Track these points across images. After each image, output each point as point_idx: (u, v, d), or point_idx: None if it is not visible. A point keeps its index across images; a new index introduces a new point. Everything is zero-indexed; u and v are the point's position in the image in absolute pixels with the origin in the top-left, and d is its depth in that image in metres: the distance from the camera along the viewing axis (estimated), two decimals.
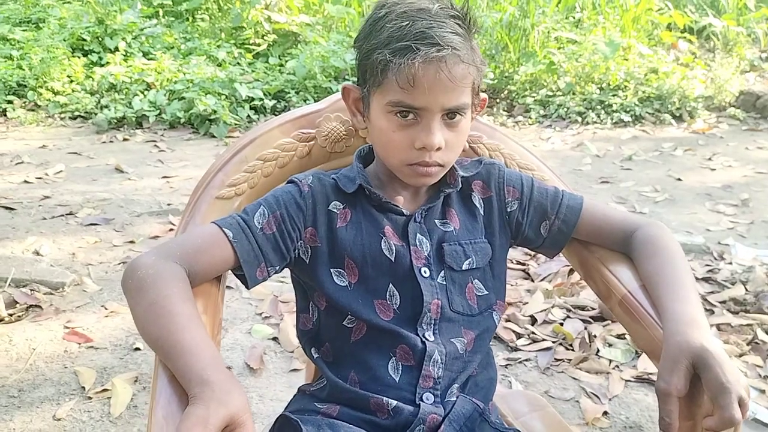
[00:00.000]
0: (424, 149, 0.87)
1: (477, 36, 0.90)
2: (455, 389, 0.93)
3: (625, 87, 5.39)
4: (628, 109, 5.17)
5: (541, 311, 2.28)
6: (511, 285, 2.47)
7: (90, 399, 1.85)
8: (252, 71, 5.74)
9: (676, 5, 6.75)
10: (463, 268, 0.97)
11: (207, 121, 4.92)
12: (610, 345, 2.10)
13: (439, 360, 0.92)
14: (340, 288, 0.93)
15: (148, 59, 5.86)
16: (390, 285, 0.94)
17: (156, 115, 5.05)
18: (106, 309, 2.33)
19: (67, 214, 3.26)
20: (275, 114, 4.89)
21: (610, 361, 2.03)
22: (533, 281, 2.54)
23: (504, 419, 1.08)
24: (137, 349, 2.09)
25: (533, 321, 2.24)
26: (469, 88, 0.88)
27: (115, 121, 5.05)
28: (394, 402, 0.89)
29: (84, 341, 2.13)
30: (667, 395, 0.79)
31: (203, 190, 1.02)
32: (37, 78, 5.45)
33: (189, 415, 0.69)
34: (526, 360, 2.06)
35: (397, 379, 0.91)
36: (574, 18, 6.48)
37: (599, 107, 5.25)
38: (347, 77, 5.39)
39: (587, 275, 1.06)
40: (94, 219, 3.19)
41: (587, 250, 1.05)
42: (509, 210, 1.01)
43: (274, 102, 5.25)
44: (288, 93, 5.35)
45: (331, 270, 0.94)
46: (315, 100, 4.97)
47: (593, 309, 2.28)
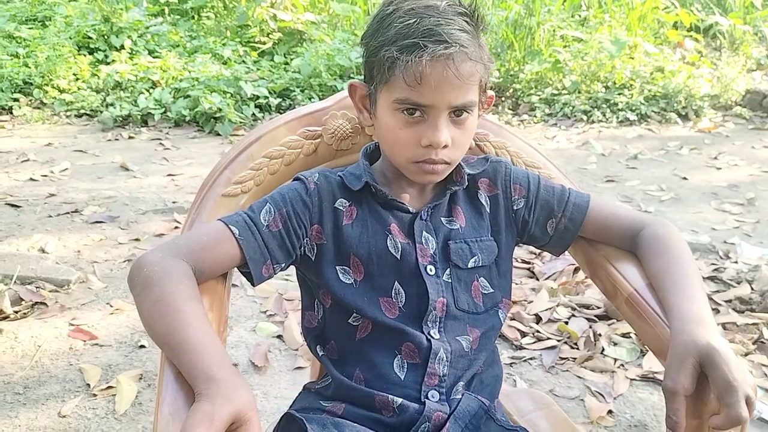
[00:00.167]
0: (430, 147, 0.87)
1: (484, 33, 0.90)
2: (460, 387, 0.93)
3: (631, 86, 5.37)
4: (633, 108, 5.16)
5: (546, 310, 2.28)
6: (516, 283, 2.46)
7: (95, 396, 1.86)
8: (257, 69, 5.75)
9: (682, 4, 6.73)
10: (469, 266, 0.97)
11: (212, 119, 4.93)
12: (615, 344, 2.09)
13: (445, 358, 0.91)
14: (345, 286, 0.93)
15: (153, 57, 5.88)
16: (395, 283, 0.93)
17: (161, 113, 5.07)
18: (111, 306, 2.34)
19: (73, 211, 3.27)
20: (280, 112, 4.89)
21: (615, 360, 2.02)
22: (538, 280, 2.54)
23: (509, 417, 1.08)
24: (142, 347, 2.09)
25: (538, 319, 2.24)
26: (476, 85, 0.88)
27: (121, 119, 5.06)
28: (399, 400, 0.89)
29: (89, 338, 2.13)
30: (674, 393, 0.79)
31: (209, 187, 1.02)
32: (43, 76, 5.47)
33: (195, 412, 0.69)
34: (530, 358, 2.06)
35: (403, 377, 0.91)
36: (579, 16, 6.46)
37: (605, 106, 5.24)
38: (352, 75, 5.38)
39: (593, 273, 1.05)
40: (99, 217, 3.20)
41: (593, 248, 1.04)
42: (515, 208, 1.01)
43: (279, 100, 5.26)
44: (293, 91, 5.35)
45: (337, 267, 0.94)
46: (320, 98, 4.96)
47: (598, 308, 2.28)
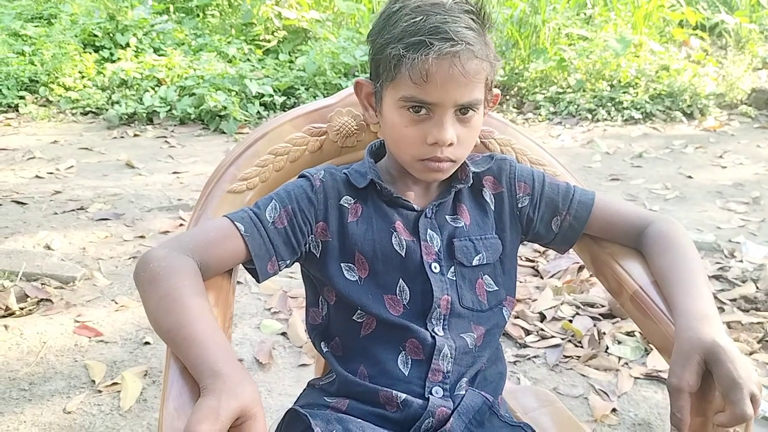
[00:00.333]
0: (436, 144, 0.87)
1: (490, 31, 0.89)
2: (464, 383, 0.93)
3: (636, 84, 5.36)
4: (638, 107, 5.15)
5: (550, 308, 2.28)
6: (521, 282, 2.46)
7: (100, 392, 1.86)
8: (262, 67, 5.75)
9: (688, 2, 6.71)
10: (474, 263, 0.97)
11: (217, 117, 4.94)
12: (619, 342, 2.09)
13: (449, 354, 0.92)
14: (350, 283, 0.93)
15: (158, 55, 5.89)
16: (400, 280, 0.94)
17: (166, 111, 5.08)
18: (116, 303, 2.35)
19: (78, 209, 3.28)
20: (285, 110, 4.88)
21: (619, 359, 2.02)
22: (542, 278, 2.54)
23: (513, 414, 1.08)
24: (147, 343, 2.10)
25: (542, 318, 2.24)
26: (482, 83, 0.88)
27: (126, 117, 5.07)
28: (403, 395, 0.89)
29: (94, 335, 2.14)
30: (679, 391, 0.79)
31: (215, 183, 1.02)
32: (49, 74, 5.49)
33: (200, 407, 0.69)
34: (534, 357, 2.06)
35: (407, 373, 0.91)
36: (585, 14, 6.45)
37: (610, 104, 5.23)
38: (357, 74, 5.39)
39: (598, 271, 1.05)
40: (104, 214, 3.21)
41: (598, 245, 1.04)
42: (520, 205, 1.01)
43: (283, 98, 5.27)
44: (298, 89, 5.36)
45: (342, 265, 0.94)
46: (324, 96, 4.95)
47: (602, 306, 2.28)
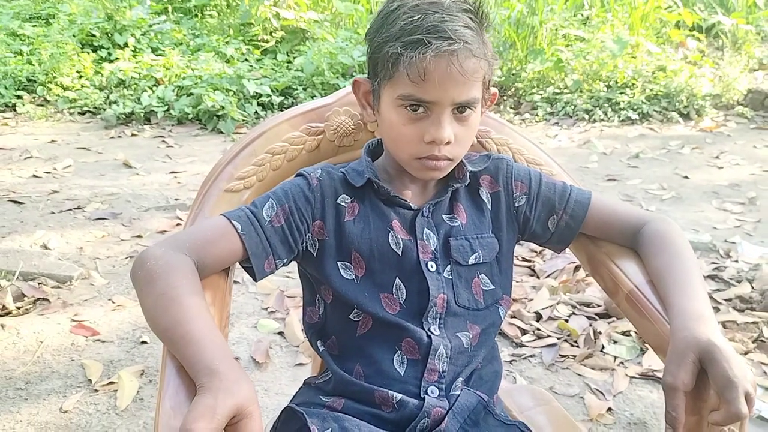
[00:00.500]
0: (433, 143, 0.87)
1: (488, 30, 0.90)
2: (459, 383, 0.93)
3: (633, 85, 5.37)
4: (635, 107, 5.15)
5: (547, 308, 2.28)
6: (517, 281, 2.46)
7: (96, 392, 1.86)
8: (260, 68, 5.75)
9: (685, 3, 6.72)
10: (470, 262, 0.97)
11: (215, 117, 4.93)
12: (615, 342, 2.09)
13: (444, 354, 0.92)
14: (346, 281, 0.94)
15: (156, 55, 5.89)
16: (396, 279, 0.94)
17: (164, 111, 5.07)
18: (113, 303, 2.35)
19: (75, 208, 3.28)
20: (282, 110, 4.89)
21: (614, 358, 2.03)
22: (539, 278, 2.54)
23: (508, 413, 1.08)
24: (144, 343, 2.10)
25: (538, 317, 2.24)
26: (480, 82, 0.88)
27: (124, 117, 5.07)
28: (399, 395, 0.89)
29: (91, 334, 2.14)
30: (674, 389, 0.79)
31: (212, 182, 1.02)
32: (47, 73, 5.48)
33: (196, 405, 0.69)
34: (530, 356, 2.06)
35: (402, 373, 0.92)
36: (582, 15, 6.46)
37: (606, 105, 5.24)
38: (355, 74, 5.39)
39: (594, 270, 1.06)
40: (101, 213, 3.21)
41: (594, 245, 1.04)
42: (517, 205, 1.01)
43: (281, 98, 5.27)
44: (295, 89, 5.36)
45: (338, 263, 0.94)
46: (322, 96, 4.97)
47: (598, 306, 2.28)
